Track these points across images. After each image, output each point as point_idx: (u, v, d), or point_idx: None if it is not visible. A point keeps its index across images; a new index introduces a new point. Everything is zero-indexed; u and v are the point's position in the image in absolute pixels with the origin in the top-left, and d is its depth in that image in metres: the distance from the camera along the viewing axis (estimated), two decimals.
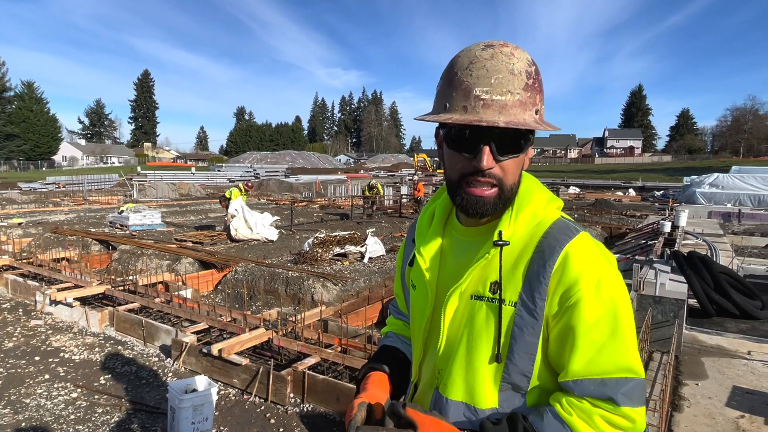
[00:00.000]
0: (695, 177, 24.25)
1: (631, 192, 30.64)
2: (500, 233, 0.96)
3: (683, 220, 10.64)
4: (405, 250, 1.24)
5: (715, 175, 21.94)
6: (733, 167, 25.27)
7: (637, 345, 0.95)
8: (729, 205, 18.99)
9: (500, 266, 0.96)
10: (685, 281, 5.86)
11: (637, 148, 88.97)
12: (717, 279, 5.95)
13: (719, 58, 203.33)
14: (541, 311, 0.92)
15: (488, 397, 0.98)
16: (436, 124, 1.00)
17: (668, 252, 7.10)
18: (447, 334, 1.03)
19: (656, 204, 23.38)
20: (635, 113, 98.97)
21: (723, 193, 20.43)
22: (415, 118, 1.00)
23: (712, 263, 6.17)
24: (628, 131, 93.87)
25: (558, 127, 0.98)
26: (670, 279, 5.81)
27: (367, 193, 18.09)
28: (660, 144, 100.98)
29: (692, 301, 5.91)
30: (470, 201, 0.95)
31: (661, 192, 29.71)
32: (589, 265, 0.91)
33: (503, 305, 0.95)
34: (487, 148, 0.90)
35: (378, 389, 1.06)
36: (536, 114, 0.92)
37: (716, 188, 20.88)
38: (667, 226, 9.94)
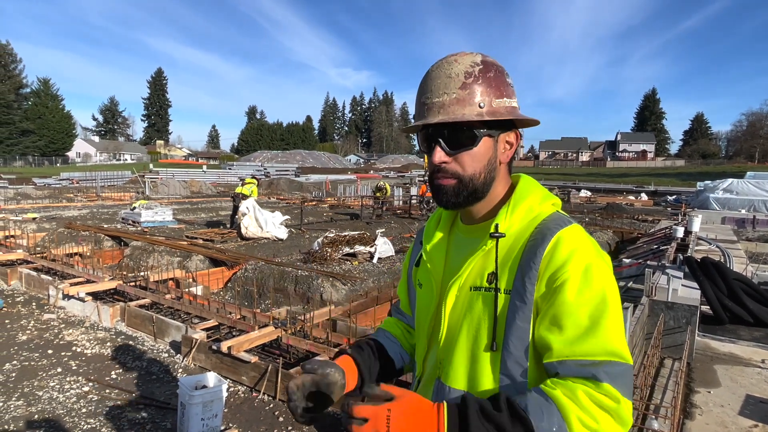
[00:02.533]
0: (709, 182, 23.97)
1: (644, 196, 30.34)
2: (497, 226, 1.01)
3: (696, 226, 10.50)
4: (413, 252, 1.30)
5: (730, 180, 21.65)
6: (748, 173, 24.92)
7: (626, 336, 0.97)
8: (743, 211, 18.71)
9: (496, 257, 1.01)
10: (697, 287, 5.79)
11: (650, 152, 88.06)
12: (731, 285, 5.86)
13: (735, 62, 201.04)
14: (531, 295, 0.95)
15: (486, 386, 1.00)
16: None
17: (681, 257, 7.02)
18: (448, 325, 1.07)
19: (669, 209, 23.13)
20: (648, 117, 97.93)
21: (737, 198, 20.15)
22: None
23: (725, 269, 6.09)
24: (641, 135, 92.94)
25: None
26: (682, 285, 5.74)
27: (377, 195, 18.12)
28: (673, 148, 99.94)
29: (705, 308, 5.83)
30: (436, 190, 1.05)
31: (673, 197, 29.40)
32: (579, 250, 0.95)
33: (499, 294, 0.99)
34: (437, 147, 1.01)
35: (347, 371, 1.07)
36: (481, 107, 0.99)
37: (730, 194, 20.60)
38: (680, 232, 9.81)
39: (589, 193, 31.72)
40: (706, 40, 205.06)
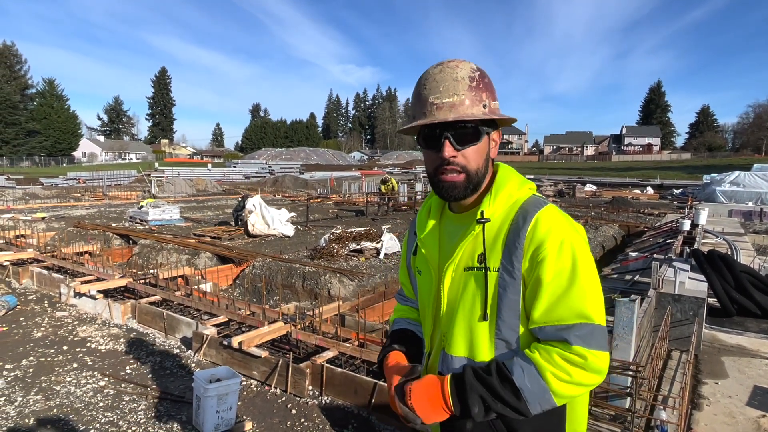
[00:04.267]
0: (715, 175, 23.81)
1: (649, 190, 30.18)
2: (482, 213, 1.15)
3: (703, 219, 10.47)
4: (408, 242, 1.44)
5: (736, 173, 21.48)
6: (755, 165, 24.77)
7: (602, 299, 1.10)
8: (750, 204, 18.59)
9: (483, 240, 1.14)
10: (704, 280, 5.79)
11: (656, 145, 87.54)
12: (738, 278, 5.87)
13: (741, 53, 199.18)
14: (519, 271, 1.10)
15: (485, 352, 1.16)
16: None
17: (688, 250, 7.02)
18: (447, 303, 1.22)
19: (675, 202, 23.02)
20: (654, 110, 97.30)
21: (744, 191, 20.01)
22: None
23: (733, 262, 6.09)
24: (647, 128, 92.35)
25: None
26: (689, 278, 5.75)
27: (382, 188, 18.14)
28: (679, 141, 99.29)
29: (712, 300, 5.85)
30: (444, 186, 1.17)
31: (680, 190, 29.24)
32: (555, 228, 1.09)
33: (488, 272, 1.13)
34: (447, 141, 1.12)
35: (401, 362, 1.30)
36: (484, 108, 1.13)
37: (737, 186, 20.45)
38: (687, 225, 9.79)
39: (594, 188, 31.58)
40: (712, 32, 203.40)
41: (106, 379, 4.14)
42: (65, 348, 4.83)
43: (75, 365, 4.42)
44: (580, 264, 1.07)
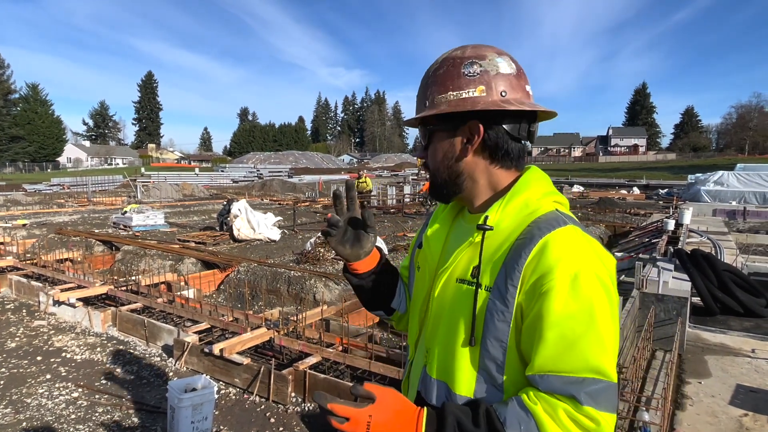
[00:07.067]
0: (700, 175, 24.08)
1: (636, 190, 30.50)
2: (486, 218, 0.98)
3: (687, 218, 10.57)
4: (420, 234, 1.29)
5: (720, 172, 21.77)
6: (738, 165, 25.07)
7: (617, 351, 0.90)
8: (734, 203, 18.83)
9: (481, 250, 0.97)
10: (688, 279, 5.82)
11: (642, 146, 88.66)
12: (721, 277, 5.91)
13: (724, 55, 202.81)
14: (512, 298, 0.91)
15: (464, 383, 0.98)
16: None
17: (672, 250, 7.06)
18: (433, 315, 1.07)
19: (661, 202, 23.25)
20: (639, 111, 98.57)
21: (728, 191, 20.28)
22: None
23: (715, 261, 6.13)
24: (633, 129, 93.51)
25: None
26: (673, 277, 5.77)
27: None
28: (664, 142, 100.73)
29: (696, 299, 5.87)
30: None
31: (665, 190, 29.56)
32: (569, 256, 0.88)
33: (479, 289, 0.96)
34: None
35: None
36: (425, 105, 1.05)
37: (721, 186, 20.72)
38: (671, 224, 9.87)
39: (581, 188, 31.81)
40: (696, 33, 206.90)
41: (80, 390, 4.02)
42: (39, 358, 4.70)
43: (48, 376, 4.29)
44: (599, 304, 0.87)
